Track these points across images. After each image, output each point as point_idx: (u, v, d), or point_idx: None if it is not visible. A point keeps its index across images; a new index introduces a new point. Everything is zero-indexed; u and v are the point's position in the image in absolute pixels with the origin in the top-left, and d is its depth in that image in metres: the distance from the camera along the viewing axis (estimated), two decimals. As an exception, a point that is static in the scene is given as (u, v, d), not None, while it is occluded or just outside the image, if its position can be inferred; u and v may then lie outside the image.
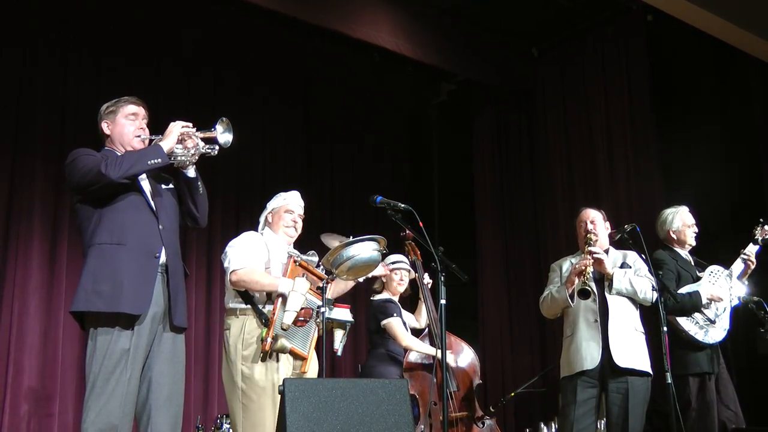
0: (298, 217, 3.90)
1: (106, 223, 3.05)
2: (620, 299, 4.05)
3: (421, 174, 8.33)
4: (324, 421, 2.73)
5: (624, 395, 3.91)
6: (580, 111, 6.95)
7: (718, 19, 5.47)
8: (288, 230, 3.86)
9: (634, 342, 4.00)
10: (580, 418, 3.94)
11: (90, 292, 2.97)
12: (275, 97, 7.12)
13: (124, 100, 3.30)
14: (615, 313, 4.01)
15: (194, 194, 3.30)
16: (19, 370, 5.36)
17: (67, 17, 5.90)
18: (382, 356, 4.57)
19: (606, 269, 4.05)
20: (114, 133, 3.26)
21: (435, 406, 4.48)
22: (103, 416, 2.89)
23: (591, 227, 4.20)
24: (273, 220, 3.88)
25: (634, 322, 4.07)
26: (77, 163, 3.06)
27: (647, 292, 4.03)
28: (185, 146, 3.19)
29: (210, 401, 6.13)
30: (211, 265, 6.35)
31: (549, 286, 4.30)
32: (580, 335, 4.03)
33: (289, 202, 3.90)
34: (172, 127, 3.18)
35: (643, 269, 4.13)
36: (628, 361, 3.92)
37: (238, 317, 3.62)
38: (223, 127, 3.23)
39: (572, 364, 4.03)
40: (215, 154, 3.26)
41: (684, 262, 4.55)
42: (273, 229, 3.87)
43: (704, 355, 4.31)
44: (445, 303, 3.36)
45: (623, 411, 3.89)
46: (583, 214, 4.30)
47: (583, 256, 4.05)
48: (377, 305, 4.66)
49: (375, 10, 6.25)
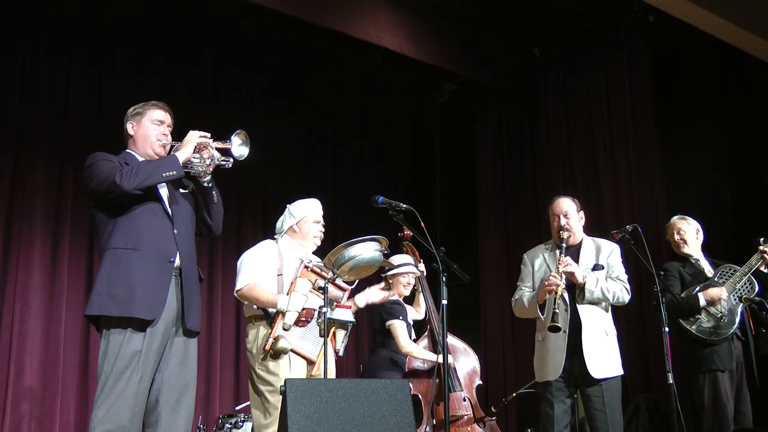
0: (322, 226, 4.00)
1: (121, 228, 3.07)
2: (590, 306, 3.97)
3: (423, 174, 8.33)
4: (326, 422, 2.73)
5: (601, 399, 3.87)
6: (582, 111, 6.94)
7: (721, 19, 5.46)
8: (316, 240, 3.95)
9: (606, 349, 3.94)
10: (560, 418, 3.93)
11: (104, 296, 2.99)
12: (276, 97, 7.12)
13: (153, 104, 3.31)
14: (587, 322, 3.92)
15: (209, 203, 3.33)
16: (21, 370, 5.37)
17: (67, 17, 5.91)
18: (385, 356, 4.57)
19: (577, 280, 3.95)
20: (138, 134, 3.27)
21: (437, 406, 4.48)
22: (111, 416, 2.91)
23: (564, 222, 4.08)
24: (300, 229, 3.92)
25: (605, 325, 3.99)
26: (94, 169, 3.09)
27: (620, 296, 3.98)
28: (201, 156, 3.21)
29: (212, 402, 6.14)
30: (212, 267, 6.37)
31: (519, 283, 4.25)
32: (549, 344, 3.99)
33: (316, 212, 3.97)
34: (190, 136, 3.19)
35: (617, 267, 4.05)
36: (604, 371, 3.88)
37: (254, 324, 3.72)
38: (240, 140, 3.25)
39: (541, 372, 4.05)
40: (230, 166, 3.27)
41: (691, 267, 4.56)
42: (298, 238, 3.92)
43: (713, 352, 4.31)
44: (447, 303, 3.36)
45: (603, 414, 3.87)
46: (556, 207, 4.16)
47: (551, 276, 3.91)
48: (384, 305, 4.65)
49: (377, 11, 6.25)
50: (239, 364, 6.45)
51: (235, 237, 6.61)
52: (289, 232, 3.94)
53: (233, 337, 6.49)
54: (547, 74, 7.29)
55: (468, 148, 7.83)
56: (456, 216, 7.89)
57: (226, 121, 6.11)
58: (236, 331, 6.50)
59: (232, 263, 6.56)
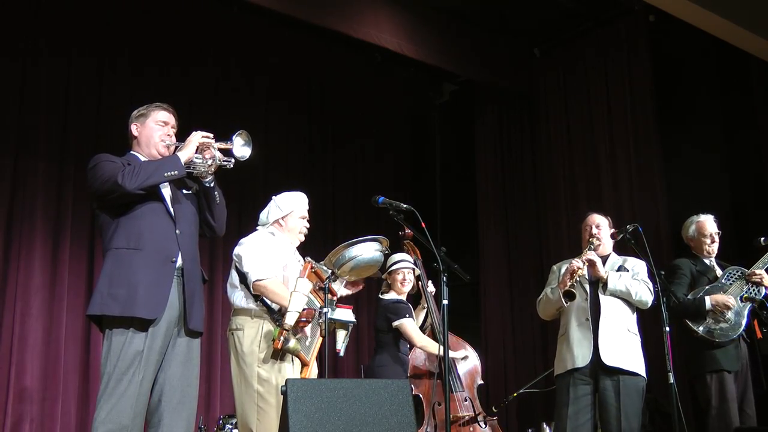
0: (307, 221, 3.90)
1: (123, 228, 3.08)
2: (614, 300, 4.05)
3: (423, 174, 8.33)
4: (326, 422, 2.73)
5: (615, 393, 3.89)
6: (582, 111, 6.94)
7: (721, 19, 5.46)
8: (301, 236, 3.86)
9: (625, 342, 3.98)
10: (574, 416, 3.94)
11: (106, 296, 3.00)
12: (276, 97, 7.11)
13: (157, 105, 3.31)
14: (607, 312, 4.01)
15: (211, 204, 3.32)
16: (21, 371, 5.36)
17: (68, 17, 5.90)
18: (390, 356, 4.56)
19: (599, 273, 4.05)
20: (142, 135, 3.27)
21: (439, 406, 4.49)
22: (113, 416, 2.91)
23: (596, 231, 4.22)
24: (287, 223, 3.83)
25: (628, 323, 4.06)
26: (97, 170, 3.09)
27: (643, 295, 4.03)
28: (203, 156, 3.21)
29: (212, 402, 6.13)
30: (213, 267, 6.36)
31: (546, 287, 4.31)
32: (572, 335, 4.04)
33: (304, 208, 3.88)
34: (192, 136, 3.20)
35: (642, 273, 4.13)
36: (617, 360, 3.91)
37: (253, 319, 3.59)
38: (242, 140, 3.24)
39: (564, 362, 4.06)
40: (231, 167, 3.26)
41: (704, 267, 4.56)
42: (285, 232, 3.83)
43: (720, 353, 4.31)
44: (448, 303, 3.36)
45: (615, 409, 3.87)
46: (590, 219, 4.33)
47: (578, 258, 4.05)
48: (387, 305, 4.65)
49: (377, 11, 6.25)
50: (240, 364, 6.43)
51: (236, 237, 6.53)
52: (275, 225, 3.83)
53: (234, 338, 6.47)
54: (547, 74, 7.29)
55: (468, 148, 7.83)
56: (456, 216, 7.89)
57: (227, 121, 6.10)
58: (237, 332, 6.48)
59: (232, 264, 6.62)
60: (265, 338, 3.54)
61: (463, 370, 4.76)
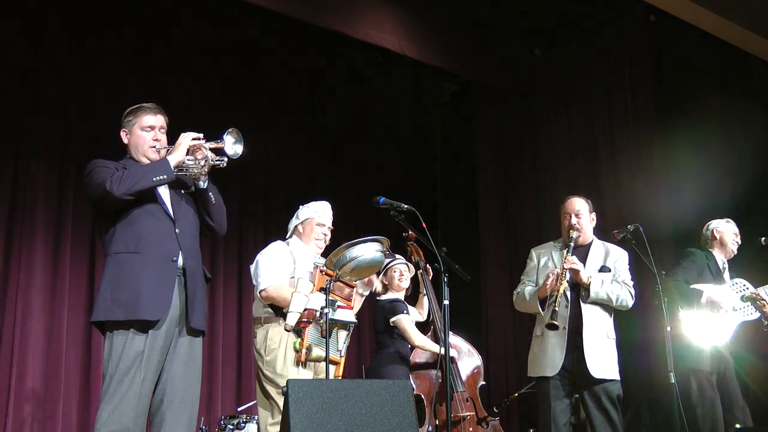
0: (327, 229, 4.01)
1: (121, 232, 3.09)
2: (594, 308, 3.97)
3: (424, 174, 8.33)
4: (328, 422, 2.73)
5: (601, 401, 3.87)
6: (582, 112, 6.94)
7: (722, 19, 5.48)
8: (318, 242, 3.97)
9: (606, 351, 3.94)
10: (559, 415, 3.92)
11: (109, 302, 3.01)
12: (276, 98, 7.11)
13: (143, 109, 3.28)
14: (589, 321, 3.93)
15: (207, 205, 3.31)
16: (23, 372, 5.36)
17: (68, 18, 5.91)
18: (390, 357, 4.56)
19: (582, 279, 3.95)
20: (131, 143, 3.28)
21: (440, 406, 4.49)
22: (115, 417, 2.92)
23: (575, 221, 4.07)
24: (304, 230, 3.98)
25: (607, 328, 4.00)
26: (91, 177, 3.10)
27: (624, 299, 3.97)
28: (195, 158, 3.19)
29: (214, 402, 6.13)
30: (214, 267, 6.36)
31: (523, 277, 4.25)
32: (548, 340, 3.97)
33: (320, 215, 4.00)
34: (182, 139, 3.17)
35: (623, 272, 4.06)
36: (603, 372, 3.88)
37: (263, 325, 3.77)
38: (233, 138, 3.21)
39: (542, 367, 4.00)
40: (224, 166, 3.24)
41: (714, 264, 4.56)
42: (303, 239, 3.97)
43: (704, 355, 4.34)
44: (449, 303, 3.36)
45: (605, 415, 3.87)
46: (568, 205, 4.16)
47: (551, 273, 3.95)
48: (384, 305, 4.66)
49: (378, 11, 6.25)
50: (241, 364, 6.44)
51: (237, 238, 6.62)
52: (295, 233, 4.00)
53: (235, 338, 6.48)
54: (547, 74, 7.29)
55: (468, 148, 7.83)
56: (457, 216, 7.89)
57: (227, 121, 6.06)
58: (238, 332, 6.50)
59: (233, 264, 6.65)
60: (271, 341, 3.67)
61: (465, 370, 4.76)
